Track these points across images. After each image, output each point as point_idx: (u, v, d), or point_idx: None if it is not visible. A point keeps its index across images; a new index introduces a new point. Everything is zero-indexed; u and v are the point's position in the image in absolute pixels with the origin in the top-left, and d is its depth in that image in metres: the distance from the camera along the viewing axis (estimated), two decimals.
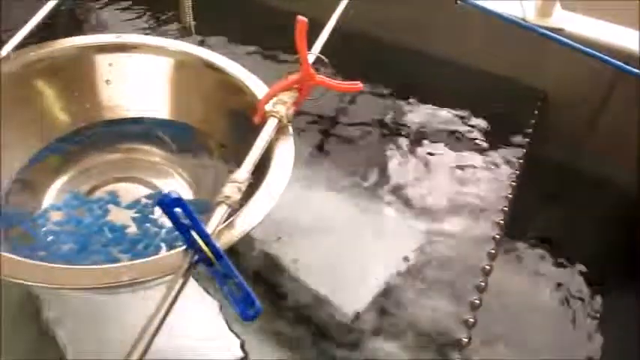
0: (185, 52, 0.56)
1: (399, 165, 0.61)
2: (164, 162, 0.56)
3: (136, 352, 0.35)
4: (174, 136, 0.57)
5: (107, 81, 0.57)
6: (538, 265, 0.64)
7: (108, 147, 0.57)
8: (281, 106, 0.50)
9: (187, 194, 0.54)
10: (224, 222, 0.43)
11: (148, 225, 0.51)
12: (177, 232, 0.50)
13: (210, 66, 0.55)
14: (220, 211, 0.42)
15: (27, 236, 0.50)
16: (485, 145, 0.63)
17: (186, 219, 0.38)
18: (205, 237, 0.38)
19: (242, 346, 0.50)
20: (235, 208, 0.44)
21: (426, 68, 0.70)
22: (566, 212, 0.67)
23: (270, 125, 0.49)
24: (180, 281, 0.38)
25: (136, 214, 0.52)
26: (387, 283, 0.52)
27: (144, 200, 0.53)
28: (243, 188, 0.44)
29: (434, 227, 0.55)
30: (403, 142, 0.64)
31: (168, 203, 0.36)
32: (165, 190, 0.53)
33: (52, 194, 0.54)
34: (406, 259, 0.53)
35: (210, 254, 0.38)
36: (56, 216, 0.51)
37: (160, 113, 0.58)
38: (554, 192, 0.68)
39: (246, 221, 0.44)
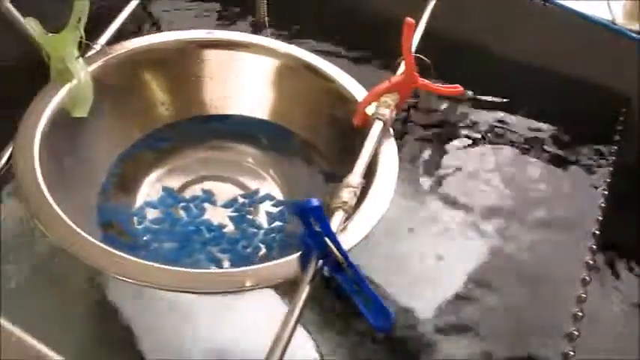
0: (281, 51, 0.55)
1: (483, 173, 0.60)
2: (255, 162, 0.55)
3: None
4: (267, 136, 0.56)
5: (201, 77, 0.56)
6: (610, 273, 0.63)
7: (200, 143, 0.56)
8: (385, 109, 0.49)
9: (278, 195, 0.53)
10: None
11: (245, 225, 0.50)
12: (274, 234, 0.50)
13: (307, 67, 0.54)
14: (338, 217, 0.42)
15: (124, 233, 0.49)
16: (571, 152, 0.62)
17: (316, 225, 0.38)
18: (337, 244, 0.37)
19: (317, 348, 0.49)
20: (350, 214, 0.43)
21: (508, 71, 0.69)
22: None
23: (377, 128, 0.48)
24: (308, 288, 0.38)
25: (233, 214, 0.51)
26: (469, 292, 0.51)
27: (240, 199, 0.52)
28: (358, 193, 0.44)
29: (528, 237, 0.54)
30: (486, 148, 0.63)
31: (308, 209, 0.36)
32: (260, 191, 0.53)
33: (145, 190, 0.53)
34: (499, 265, 0.53)
35: (342, 262, 0.37)
36: (152, 214, 0.51)
37: (254, 112, 0.57)
38: (630, 198, 0.67)
39: (360, 227, 0.43)
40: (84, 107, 0.50)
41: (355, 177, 0.44)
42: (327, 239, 0.37)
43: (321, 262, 0.38)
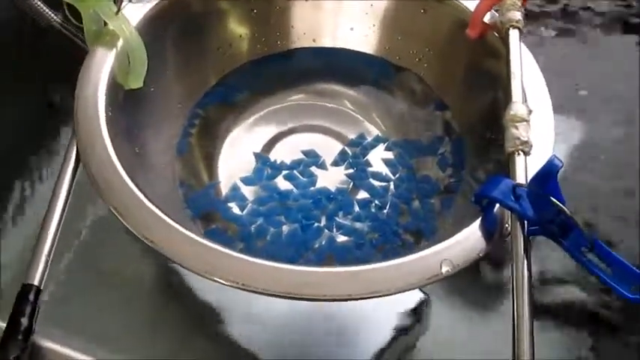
0: None
1: None
2: (353, 105, 0.46)
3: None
4: (367, 72, 0.46)
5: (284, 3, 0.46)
6: None
7: (283, 87, 0.46)
8: (516, 12, 0.40)
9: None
10: None
11: (370, 181, 0.42)
12: (405, 184, 0.42)
13: None
14: (521, 163, 0.33)
15: (229, 224, 0.40)
16: None
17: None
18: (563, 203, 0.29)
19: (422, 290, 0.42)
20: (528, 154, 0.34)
21: None
22: None
23: (515, 39, 0.39)
24: (526, 263, 0.30)
25: (350, 170, 0.42)
26: None
27: (350, 150, 0.43)
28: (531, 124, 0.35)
29: None
30: None
31: (555, 170, 0.28)
32: (365, 135, 0.44)
33: (227, 157, 0.43)
34: None
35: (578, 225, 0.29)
36: (251, 192, 0.41)
37: (348, 44, 0.47)
38: None
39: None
40: (139, 75, 0.39)
41: (520, 105, 0.35)
42: (554, 200, 0.29)
43: (526, 225, 0.31)
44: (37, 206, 0.44)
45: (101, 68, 0.37)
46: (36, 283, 0.30)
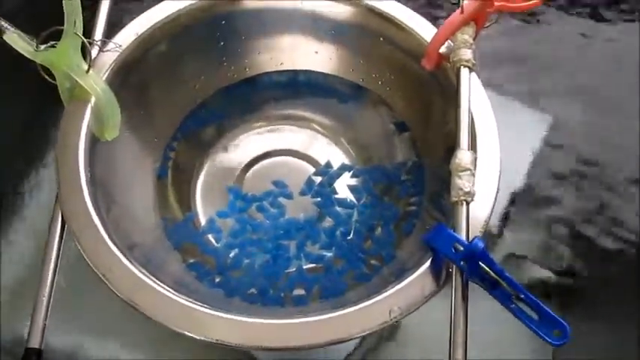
0: None
1: None
2: (320, 126, 0.49)
3: None
4: (330, 94, 0.49)
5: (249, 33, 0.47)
6: None
7: (256, 110, 0.49)
8: (467, 49, 0.42)
9: (352, 162, 0.48)
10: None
11: (335, 208, 0.45)
12: (367, 210, 0.45)
13: (374, 11, 0.45)
14: (463, 213, 0.36)
15: (206, 257, 0.44)
16: None
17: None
18: (491, 264, 0.33)
19: None
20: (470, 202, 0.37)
21: None
22: None
23: (465, 79, 0.41)
24: (463, 307, 0.34)
25: (317, 199, 0.46)
26: None
27: (316, 179, 0.46)
28: (475, 172, 0.38)
29: None
30: None
31: (478, 255, 0.31)
32: (331, 163, 0.47)
33: (202, 190, 0.47)
34: None
35: (501, 282, 0.33)
36: (226, 224, 0.45)
37: (317, 66, 0.49)
38: None
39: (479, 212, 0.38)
40: (113, 127, 0.41)
41: (465, 154, 0.38)
42: (482, 265, 0.33)
43: (465, 275, 0.35)
44: None
45: (78, 126, 0.40)
46: (37, 346, 0.34)
